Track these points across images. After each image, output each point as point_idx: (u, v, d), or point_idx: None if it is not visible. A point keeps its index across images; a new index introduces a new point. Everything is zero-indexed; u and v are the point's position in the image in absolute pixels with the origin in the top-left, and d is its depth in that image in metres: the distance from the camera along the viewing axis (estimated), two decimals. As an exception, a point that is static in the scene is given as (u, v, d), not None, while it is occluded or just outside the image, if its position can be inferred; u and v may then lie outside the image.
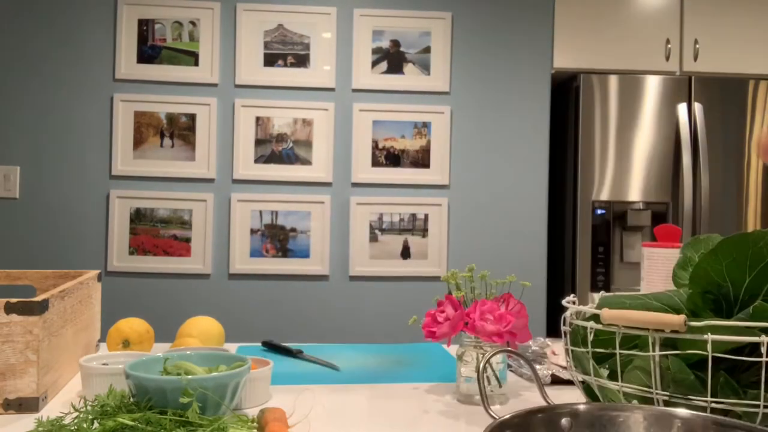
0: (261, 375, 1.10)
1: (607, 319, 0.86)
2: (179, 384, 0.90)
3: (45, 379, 1.07)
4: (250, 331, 2.75)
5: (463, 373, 1.16)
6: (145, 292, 2.73)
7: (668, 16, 2.91)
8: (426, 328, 1.17)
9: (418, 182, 2.82)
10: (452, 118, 2.84)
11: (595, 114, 2.83)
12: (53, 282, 1.40)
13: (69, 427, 0.88)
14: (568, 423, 0.75)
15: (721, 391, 0.81)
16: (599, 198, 2.82)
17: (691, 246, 1.03)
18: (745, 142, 2.89)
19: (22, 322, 1.03)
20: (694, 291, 0.89)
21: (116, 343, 1.29)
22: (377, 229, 2.80)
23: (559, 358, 1.31)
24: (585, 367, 0.91)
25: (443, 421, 1.05)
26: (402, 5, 2.84)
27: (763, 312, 0.80)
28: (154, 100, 2.73)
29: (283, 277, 2.78)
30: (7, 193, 2.69)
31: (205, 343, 1.34)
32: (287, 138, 2.77)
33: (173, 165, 2.74)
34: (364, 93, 2.81)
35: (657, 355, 0.82)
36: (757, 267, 0.84)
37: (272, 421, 0.92)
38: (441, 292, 2.71)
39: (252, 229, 2.76)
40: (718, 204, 2.87)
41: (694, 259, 1.00)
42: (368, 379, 1.28)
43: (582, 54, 2.89)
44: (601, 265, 2.82)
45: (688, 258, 1.01)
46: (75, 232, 2.71)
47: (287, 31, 2.79)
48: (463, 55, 2.86)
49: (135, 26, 2.74)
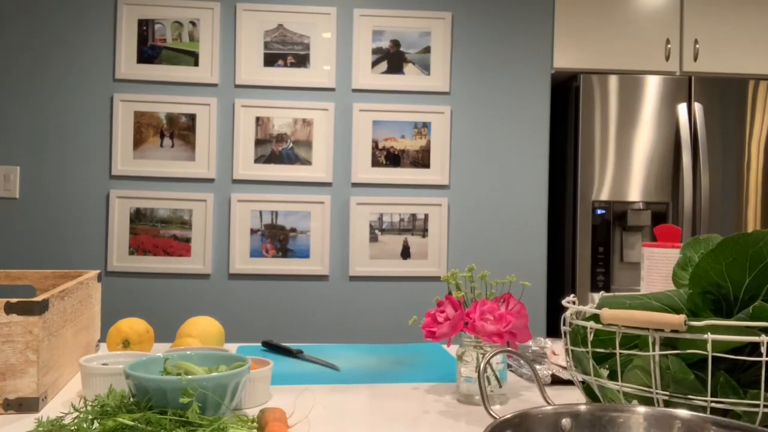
0: (261, 375, 1.10)
1: (607, 318, 0.86)
2: (179, 384, 0.90)
3: (45, 379, 1.07)
4: (250, 331, 2.75)
5: (463, 373, 1.16)
6: (145, 292, 2.73)
7: (668, 16, 2.91)
8: (426, 328, 1.17)
9: (418, 182, 2.82)
10: (452, 118, 2.84)
11: (595, 114, 2.83)
12: (53, 282, 1.40)
13: (69, 427, 0.88)
14: (568, 423, 0.75)
15: (721, 390, 0.81)
16: (599, 198, 2.82)
17: (691, 246, 1.02)
18: (745, 142, 2.89)
19: (22, 322, 1.03)
20: (694, 291, 0.89)
21: (116, 343, 1.29)
22: (377, 229, 2.80)
23: (559, 358, 1.31)
24: (585, 367, 0.91)
25: (443, 421, 1.05)
26: (402, 5, 2.84)
27: (762, 312, 0.80)
28: (154, 100, 2.73)
29: (283, 277, 2.78)
30: (7, 193, 2.69)
31: (205, 343, 1.34)
32: (287, 138, 2.77)
33: (173, 165, 2.74)
34: (364, 93, 2.81)
35: (657, 354, 0.82)
36: (757, 267, 0.84)
37: (272, 421, 0.92)
38: (441, 292, 2.71)
39: (252, 229, 2.76)
40: (718, 204, 2.87)
41: (694, 259, 1.00)
42: (368, 379, 1.28)
43: (582, 54, 2.89)
44: (601, 265, 2.82)
45: (688, 258, 1.01)
46: (75, 232, 2.71)
47: (287, 31, 2.79)
48: (463, 55, 2.86)
49: (135, 26, 2.74)
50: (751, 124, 2.89)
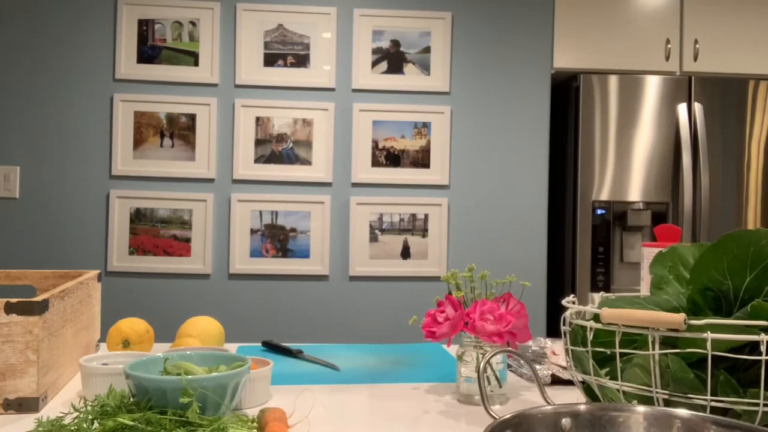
0: (261, 375, 1.10)
1: (607, 318, 0.86)
2: (179, 384, 0.90)
3: (45, 379, 1.07)
4: (250, 331, 2.74)
5: (463, 373, 1.16)
6: (145, 292, 2.73)
7: (668, 16, 2.91)
8: (426, 328, 1.17)
9: (418, 182, 2.82)
10: (452, 118, 2.84)
11: (595, 114, 2.83)
12: (53, 282, 1.40)
13: (69, 427, 0.88)
14: (568, 423, 0.75)
15: (721, 389, 0.81)
16: (599, 198, 2.82)
17: (658, 263, 1.00)
18: (745, 142, 2.89)
19: (22, 322, 1.03)
20: (695, 288, 0.89)
21: (116, 343, 1.29)
22: (377, 229, 2.80)
23: (559, 358, 1.31)
24: (585, 367, 0.91)
25: (443, 421, 1.05)
26: (402, 5, 2.84)
27: (761, 310, 0.80)
28: (154, 100, 2.73)
29: (283, 277, 2.78)
30: (7, 193, 2.69)
31: (205, 343, 1.34)
32: (287, 138, 2.77)
33: (173, 165, 2.74)
34: (364, 93, 2.81)
35: (657, 353, 0.82)
36: (758, 266, 0.84)
37: (272, 421, 0.91)
38: (441, 292, 2.71)
39: (252, 229, 2.76)
40: (718, 204, 2.87)
41: (667, 276, 0.98)
42: (368, 379, 1.28)
43: (582, 54, 2.89)
44: (601, 265, 2.82)
45: (660, 277, 0.99)
46: (75, 232, 2.71)
47: (287, 31, 2.79)
48: (463, 55, 2.86)
49: (135, 26, 2.74)
50: (751, 124, 2.89)
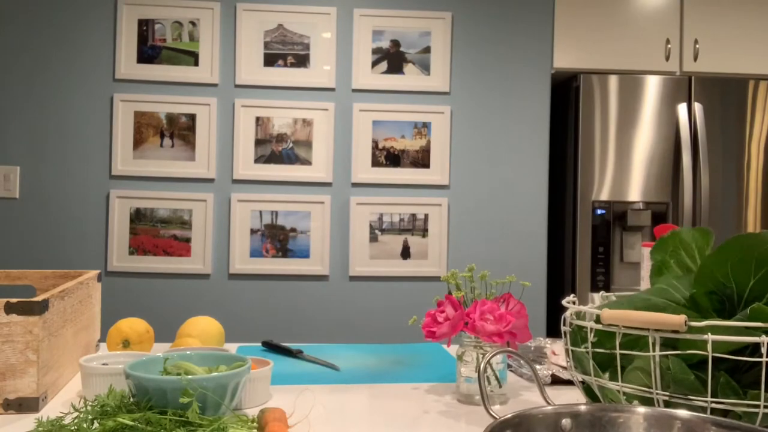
0: (261, 375, 1.10)
1: (607, 319, 0.86)
2: (179, 384, 0.90)
3: (45, 379, 1.07)
4: (250, 331, 2.74)
5: (463, 373, 1.16)
6: (145, 292, 2.73)
7: (668, 16, 2.91)
8: (426, 328, 1.17)
9: (418, 182, 2.82)
10: (452, 118, 2.84)
11: (595, 114, 2.83)
12: (53, 282, 1.40)
13: (69, 427, 0.88)
14: (568, 423, 0.75)
15: (722, 391, 0.81)
16: (599, 198, 2.82)
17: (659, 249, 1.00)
18: (745, 142, 2.89)
19: (22, 322, 1.03)
20: (699, 291, 0.89)
21: (116, 343, 1.29)
22: (377, 229, 2.80)
23: (559, 358, 1.31)
24: (585, 367, 0.91)
25: (443, 421, 1.05)
26: (402, 5, 2.84)
27: (761, 313, 0.80)
28: (154, 100, 2.73)
29: (283, 277, 2.78)
30: (7, 193, 2.69)
31: (205, 343, 1.34)
32: (287, 138, 2.77)
33: (173, 165, 2.74)
34: (364, 93, 2.81)
35: (657, 355, 0.82)
36: (763, 269, 0.84)
37: (272, 421, 0.91)
38: (441, 292, 2.71)
39: (252, 229, 2.76)
40: (718, 204, 2.87)
41: (668, 261, 0.98)
42: (368, 379, 1.28)
43: (582, 54, 2.89)
44: (601, 265, 2.82)
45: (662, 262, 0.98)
46: (75, 232, 2.71)
47: (287, 31, 2.79)
48: (463, 55, 2.86)
49: (135, 26, 2.74)
50: (751, 124, 2.89)
